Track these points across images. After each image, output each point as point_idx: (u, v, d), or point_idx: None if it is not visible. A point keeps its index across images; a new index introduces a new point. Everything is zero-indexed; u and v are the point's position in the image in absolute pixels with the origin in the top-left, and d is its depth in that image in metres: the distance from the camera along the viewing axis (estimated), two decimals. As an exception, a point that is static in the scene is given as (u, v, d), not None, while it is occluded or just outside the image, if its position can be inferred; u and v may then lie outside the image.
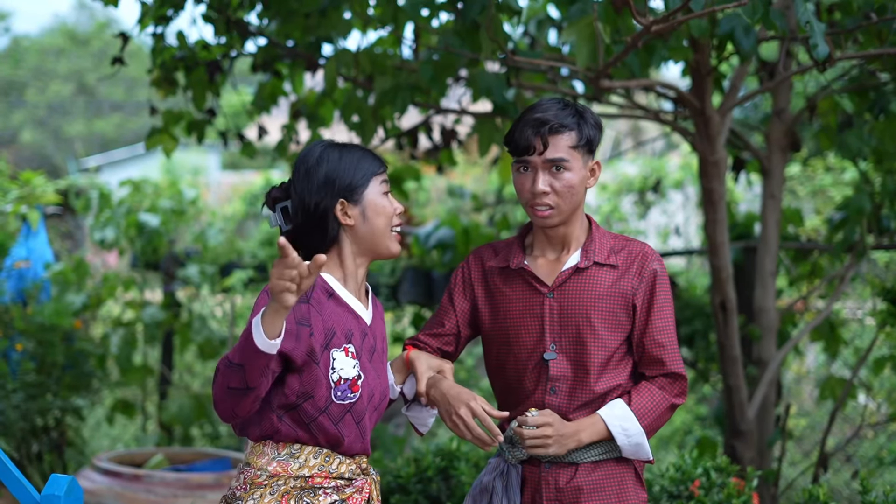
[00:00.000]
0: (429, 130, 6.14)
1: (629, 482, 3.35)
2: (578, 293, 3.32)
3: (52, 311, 7.27)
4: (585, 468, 3.31)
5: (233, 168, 24.78)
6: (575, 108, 3.33)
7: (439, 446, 4.94)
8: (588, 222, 3.44)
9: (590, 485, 3.30)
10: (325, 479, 3.05)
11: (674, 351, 3.35)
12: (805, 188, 9.93)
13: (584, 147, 3.30)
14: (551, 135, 3.26)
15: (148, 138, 5.87)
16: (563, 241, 3.38)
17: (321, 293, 3.06)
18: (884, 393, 7.72)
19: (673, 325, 3.37)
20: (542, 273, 3.38)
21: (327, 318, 3.04)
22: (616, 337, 3.32)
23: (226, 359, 2.89)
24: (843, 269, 6.32)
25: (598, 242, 3.37)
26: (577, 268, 3.33)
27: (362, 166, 3.14)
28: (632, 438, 3.29)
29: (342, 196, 3.12)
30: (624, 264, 3.35)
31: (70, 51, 33.98)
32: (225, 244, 9.03)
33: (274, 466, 3.05)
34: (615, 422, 3.28)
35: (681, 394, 3.35)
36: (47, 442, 7.24)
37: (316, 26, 5.21)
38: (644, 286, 3.33)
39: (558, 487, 3.31)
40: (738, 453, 5.49)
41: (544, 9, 6.22)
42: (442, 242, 7.55)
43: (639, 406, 3.30)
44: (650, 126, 18.53)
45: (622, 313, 3.32)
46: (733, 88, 5.45)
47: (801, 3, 3.84)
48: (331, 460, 3.07)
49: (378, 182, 3.15)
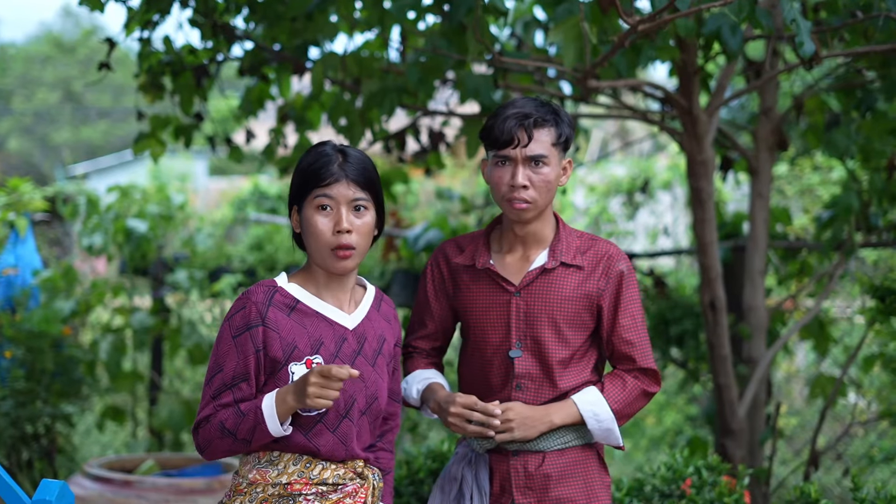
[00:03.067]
0: (416, 133, 6.14)
1: (594, 468, 3.44)
2: (545, 294, 3.37)
3: (41, 317, 7.24)
4: (553, 455, 3.37)
5: (220, 174, 24.76)
6: (550, 106, 3.37)
7: (431, 448, 4.94)
8: (556, 220, 3.47)
9: (558, 471, 3.37)
10: (306, 486, 3.04)
11: (643, 347, 3.43)
12: (793, 187, 9.95)
13: (561, 144, 3.34)
14: (535, 128, 3.30)
15: (135, 143, 5.86)
16: (532, 238, 3.41)
17: (279, 310, 3.05)
18: (874, 391, 7.74)
19: (641, 322, 3.44)
20: (510, 272, 3.42)
21: (286, 334, 3.03)
22: (579, 336, 3.40)
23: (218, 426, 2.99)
24: (831, 268, 6.33)
25: (566, 242, 3.41)
26: (544, 268, 3.37)
27: (304, 178, 3.09)
28: (602, 424, 3.36)
29: (294, 202, 3.14)
30: (590, 265, 3.39)
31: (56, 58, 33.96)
32: (214, 249, 9.01)
33: (253, 474, 3.07)
34: (587, 406, 3.35)
35: (654, 383, 3.44)
36: (37, 449, 7.21)
37: (302, 30, 5.20)
38: (610, 287, 3.39)
39: (528, 474, 3.36)
40: (728, 452, 5.49)
41: (531, 10, 6.22)
42: (431, 245, 7.54)
43: (611, 393, 3.38)
44: (638, 127, 18.55)
45: (586, 314, 3.39)
46: (720, 88, 5.46)
47: (787, 1, 3.85)
48: (312, 466, 3.06)
49: (313, 198, 3.06)
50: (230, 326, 3.03)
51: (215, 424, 2.98)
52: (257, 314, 3.01)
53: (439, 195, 11.02)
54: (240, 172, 22.18)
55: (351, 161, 3.08)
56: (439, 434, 8.15)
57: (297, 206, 3.12)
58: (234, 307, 3.05)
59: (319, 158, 3.08)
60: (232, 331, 3.02)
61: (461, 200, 9.51)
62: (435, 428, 8.19)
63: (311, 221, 3.06)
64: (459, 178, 14.10)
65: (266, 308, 3.02)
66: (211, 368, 3.04)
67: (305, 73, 5.51)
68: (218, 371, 3.02)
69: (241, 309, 3.03)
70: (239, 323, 3.02)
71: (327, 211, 3.05)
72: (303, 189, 3.08)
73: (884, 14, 4.33)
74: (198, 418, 3.02)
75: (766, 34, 4.83)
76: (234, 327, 3.02)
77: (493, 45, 4.73)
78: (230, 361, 3.01)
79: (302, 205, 3.09)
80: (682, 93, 5.10)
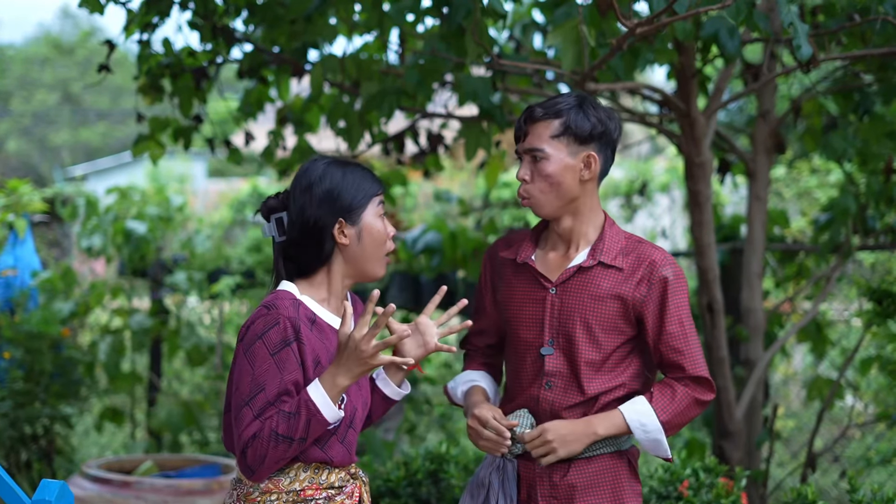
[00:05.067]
0: (415, 135, 6.14)
1: (623, 476, 3.36)
2: (579, 293, 3.32)
3: (40, 319, 7.25)
4: (579, 464, 3.31)
5: (219, 175, 24.78)
6: (579, 98, 3.31)
7: (429, 450, 4.95)
8: (603, 219, 3.41)
9: (584, 481, 3.30)
10: (317, 491, 3.07)
11: (693, 355, 3.32)
12: (790, 190, 9.97)
13: (568, 136, 3.27)
14: (529, 123, 3.31)
15: (135, 145, 5.86)
16: (571, 236, 3.38)
17: (305, 323, 3.04)
18: (871, 393, 7.75)
19: (691, 329, 3.34)
20: (549, 268, 3.38)
21: (312, 350, 3.03)
22: (613, 340, 3.32)
23: (270, 436, 2.92)
24: (829, 270, 6.34)
25: (609, 242, 3.35)
26: (581, 266, 3.32)
27: (363, 187, 3.12)
28: (650, 434, 3.29)
29: (341, 215, 3.10)
30: (630, 268, 3.32)
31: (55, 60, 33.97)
32: (212, 251, 9.02)
33: (266, 483, 3.06)
34: (634, 416, 3.28)
35: (708, 391, 3.32)
36: (36, 450, 7.22)
37: (302, 32, 5.21)
38: (654, 294, 3.31)
39: (552, 483, 3.32)
40: (726, 454, 5.50)
41: (529, 13, 6.24)
42: (429, 247, 7.56)
43: (659, 403, 3.29)
44: (636, 130, 18.56)
45: (621, 319, 3.31)
46: (718, 91, 5.47)
47: (785, 4, 3.86)
48: (320, 472, 3.09)
49: (376, 204, 3.14)
50: (266, 344, 2.95)
51: (266, 436, 2.91)
52: (292, 329, 2.97)
53: (437, 197, 11.05)
54: (238, 174, 22.18)
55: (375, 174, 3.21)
56: (437, 436, 8.16)
57: (347, 218, 3.11)
58: (264, 324, 2.98)
59: (360, 167, 3.15)
60: (269, 348, 2.95)
61: (459, 203, 9.54)
62: (433, 429, 8.21)
63: (376, 227, 3.13)
64: (458, 181, 14.12)
65: (298, 322, 3.00)
66: (249, 390, 2.95)
67: (304, 76, 5.52)
68: (259, 391, 2.93)
69: (275, 325, 2.97)
70: (276, 339, 2.96)
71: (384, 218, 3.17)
72: (361, 198, 3.12)
73: (881, 17, 4.34)
74: (243, 440, 2.93)
75: (763, 37, 4.85)
76: (272, 344, 2.95)
77: (491, 47, 4.74)
78: (272, 380, 2.94)
79: (360, 214, 3.11)
80: (680, 95, 5.12)
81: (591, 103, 3.32)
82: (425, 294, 7.68)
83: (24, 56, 34.07)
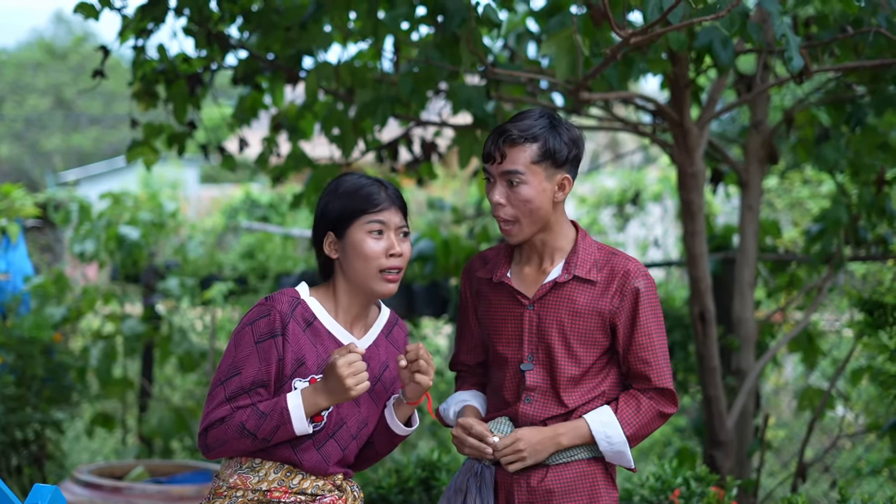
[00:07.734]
0: (409, 143, 6.15)
1: (600, 482, 3.36)
2: (556, 308, 3.31)
3: (32, 323, 7.25)
4: (556, 469, 3.32)
5: (212, 181, 24.74)
6: (550, 119, 3.28)
7: (420, 457, 4.95)
8: (575, 231, 3.41)
9: (561, 486, 3.31)
10: (285, 494, 3.09)
11: (659, 367, 3.32)
12: (783, 200, 9.98)
13: (546, 161, 3.25)
14: (508, 146, 3.24)
15: (129, 151, 5.87)
16: (545, 250, 3.37)
17: (297, 323, 3.11)
18: (861, 404, 7.76)
19: (659, 341, 3.34)
20: (525, 284, 3.38)
21: (298, 349, 3.09)
22: (591, 353, 3.32)
23: (237, 427, 3.02)
24: (820, 281, 6.36)
25: (582, 255, 3.34)
26: (556, 282, 3.31)
27: (351, 204, 3.15)
28: (614, 446, 3.30)
29: (330, 229, 3.18)
30: (604, 281, 3.31)
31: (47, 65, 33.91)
32: (205, 257, 9.02)
33: (234, 479, 3.11)
34: (599, 427, 3.29)
35: (670, 404, 3.34)
36: (27, 455, 7.21)
37: (296, 39, 5.22)
38: (626, 305, 3.30)
39: (530, 488, 3.32)
40: (717, 463, 5.51)
41: (524, 22, 6.25)
42: (422, 255, 7.57)
43: (625, 415, 3.30)
44: (629, 139, 18.60)
45: (598, 332, 3.31)
46: (711, 101, 5.48)
47: (778, 16, 3.88)
48: (292, 475, 3.12)
49: (364, 223, 3.15)
50: (253, 331, 3.07)
51: (234, 425, 3.01)
52: (281, 323, 3.07)
53: (431, 205, 11.06)
54: (231, 180, 22.18)
55: (393, 190, 3.21)
56: (429, 443, 8.16)
57: (335, 232, 3.17)
58: (257, 312, 3.10)
59: (363, 185, 3.17)
60: (255, 336, 3.06)
61: (452, 211, 9.54)
62: (424, 437, 8.20)
63: (362, 245, 3.14)
64: (451, 189, 14.13)
65: (289, 319, 3.08)
66: (226, 371, 3.07)
67: (299, 83, 5.53)
68: (235, 374, 3.05)
69: (266, 315, 3.08)
70: (263, 329, 3.07)
71: (379, 235, 3.15)
72: (350, 214, 3.15)
73: (874, 29, 4.36)
74: (210, 419, 3.04)
75: (757, 48, 4.86)
76: (258, 333, 3.07)
77: (485, 56, 4.75)
78: (250, 366, 3.05)
79: (345, 230, 3.15)
80: (673, 105, 5.13)
81: (563, 124, 3.31)
82: (418, 301, 7.69)
83: (16, 61, 33.99)
